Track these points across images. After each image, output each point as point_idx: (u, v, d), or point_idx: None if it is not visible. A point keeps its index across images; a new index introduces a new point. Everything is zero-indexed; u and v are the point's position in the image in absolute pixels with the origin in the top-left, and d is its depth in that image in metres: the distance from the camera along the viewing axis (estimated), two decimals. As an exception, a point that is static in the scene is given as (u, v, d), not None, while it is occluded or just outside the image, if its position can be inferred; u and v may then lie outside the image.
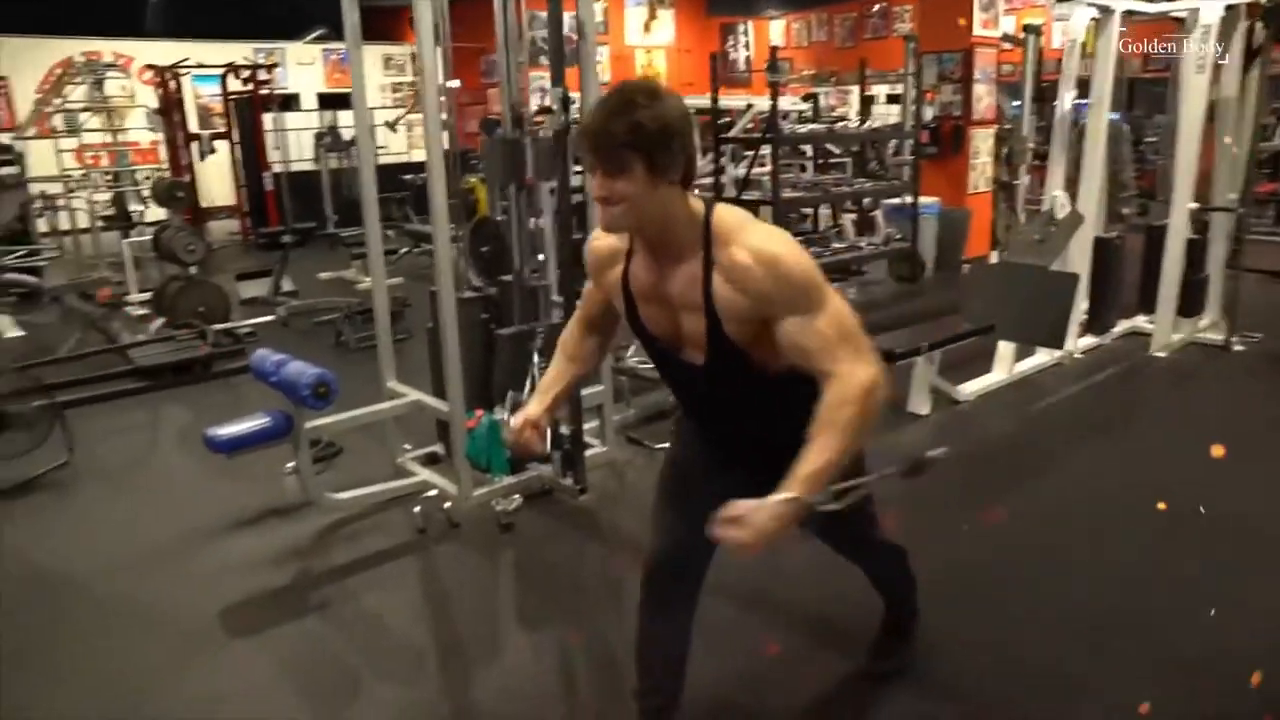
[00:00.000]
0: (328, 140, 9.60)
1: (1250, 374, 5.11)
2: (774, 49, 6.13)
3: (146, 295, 6.68)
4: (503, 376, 3.58)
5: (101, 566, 3.12)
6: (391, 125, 9.87)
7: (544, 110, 3.28)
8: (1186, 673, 2.38)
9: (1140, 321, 5.86)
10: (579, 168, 3.46)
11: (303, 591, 2.96)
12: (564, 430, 3.74)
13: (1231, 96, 5.45)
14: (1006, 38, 7.88)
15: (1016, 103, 8.19)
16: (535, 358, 3.46)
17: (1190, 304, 5.60)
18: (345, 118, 10.70)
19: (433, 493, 3.47)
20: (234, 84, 10.43)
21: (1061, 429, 4.42)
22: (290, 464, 3.67)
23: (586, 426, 3.66)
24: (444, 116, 3.46)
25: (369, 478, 3.63)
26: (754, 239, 1.57)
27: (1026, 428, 4.41)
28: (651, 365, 1.99)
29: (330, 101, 11.87)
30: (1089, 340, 5.55)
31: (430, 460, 3.91)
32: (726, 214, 1.63)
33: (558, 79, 3.15)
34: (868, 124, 6.84)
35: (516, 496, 3.48)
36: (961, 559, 3.01)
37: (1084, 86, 5.63)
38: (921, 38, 7.72)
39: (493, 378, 3.66)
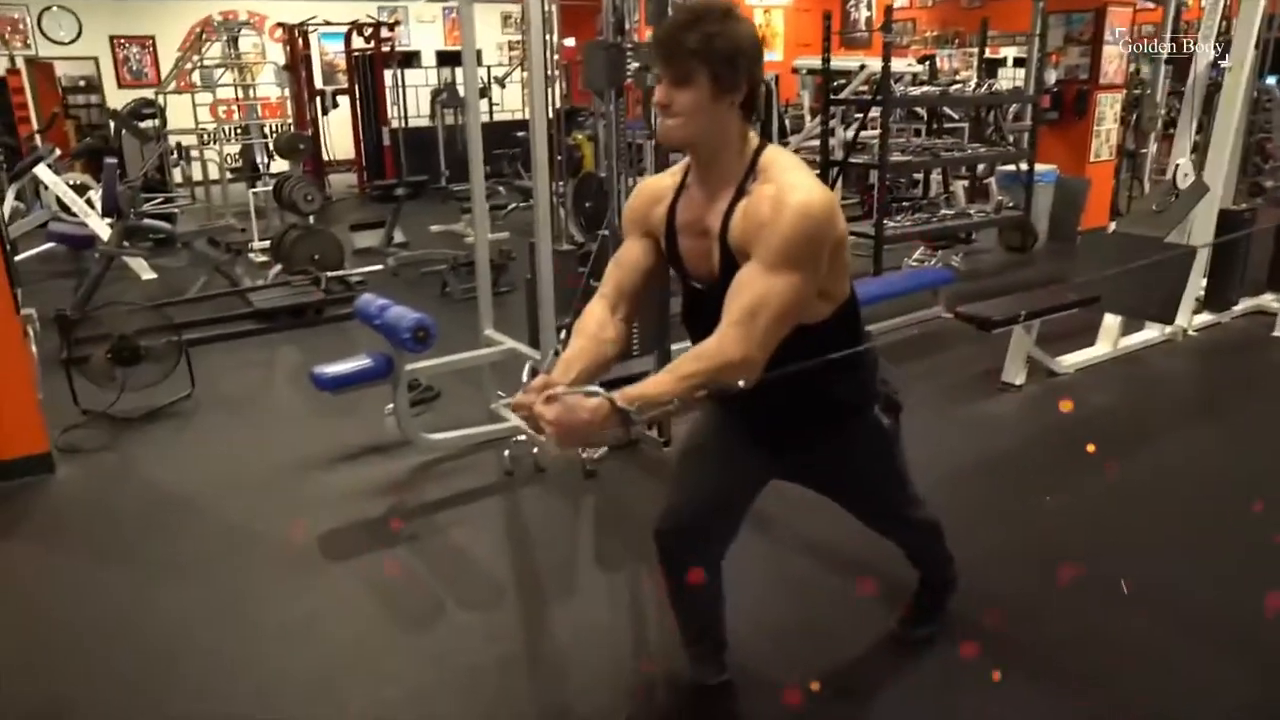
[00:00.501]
0: (444, 97, 9.85)
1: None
2: (889, 8, 5.96)
3: (267, 243, 7.07)
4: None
5: (217, 489, 3.38)
6: (500, 81, 10.03)
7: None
8: (1246, 653, 2.32)
9: (1267, 300, 5.53)
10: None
11: (394, 518, 3.15)
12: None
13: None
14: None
15: (1146, 68, 7.79)
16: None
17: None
18: (462, 75, 10.94)
19: (522, 438, 3.61)
20: (357, 42, 10.78)
21: (1162, 408, 4.25)
22: (390, 404, 3.89)
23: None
24: (551, 73, 3.54)
25: (464, 421, 3.80)
26: (791, 177, 1.57)
27: (1124, 404, 4.26)
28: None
29: (449, 59, 12.11)
30: (1206, 317, 5.27)
31: (522, 407, 4.05)
32: (778, 154, 1.64)
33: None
34: (985, 87, 6.58)
35: (604, 446, 3.58)
36: (1039, 533, 2.96)
37: (1226, 48, 5.30)
38: (1049, -5, 7.37)
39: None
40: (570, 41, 14.19)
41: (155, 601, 2.66)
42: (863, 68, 7.32)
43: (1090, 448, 3.18)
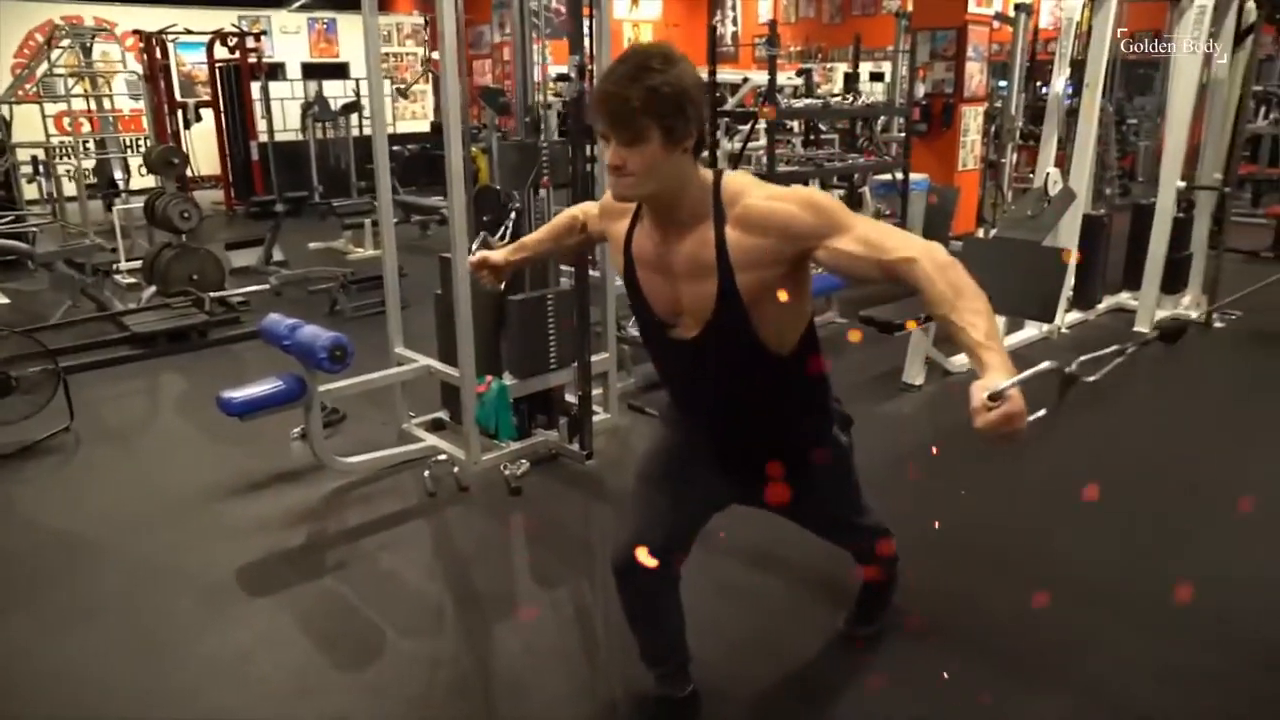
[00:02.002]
0: (315, 110, 9.52)
1: (1230, 350, 5.24)
2: (773, 23, 6.14)
3: (135, 264, 6.65)
4: (514, 343, 3.62)
5: (114, 527, 3.14)
6: (403, 92, 9.78)
7: (561, 78, 3.29)
8: (1165, 623, 2.49)
9: (1124, 298, 5.98)
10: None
11: (318, 552, 3.01)
12: (571, 398, 3.80)
13: (1222, 78, 5.55)
14: (999, 16, 7.94)
15: (1004, 82, 8.30)
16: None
17: (1173, 281, 5.73)
18: (331, 88, 10.61)
19: (441, 458, 3.52)
20: (221, 52, 10.30)
21: (1050, 400, 4.51)
22: (297, 429, 3.72)
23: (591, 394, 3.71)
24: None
25: (375, 443, 3.67)
26: (767, 190, 1.60)
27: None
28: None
29: (315, 71, 11.75)
30: (1075, 315, 5.66)
31: (435, 426, 3.95)
32: (736, 177, 1.65)
33: (576, 46, 3.17)
34: (862, 100, 6.87)
35: (524, 461, 3.53)
36: (957, 522, 3.09)
37: (1074, 67, 5.72)
38: (915, 14, 7.77)
39: (501, 345, 3.70)
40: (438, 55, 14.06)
41: (65, 648, 2.45)
42: (746, 80, 7.50)
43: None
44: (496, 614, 2.67)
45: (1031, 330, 5.29)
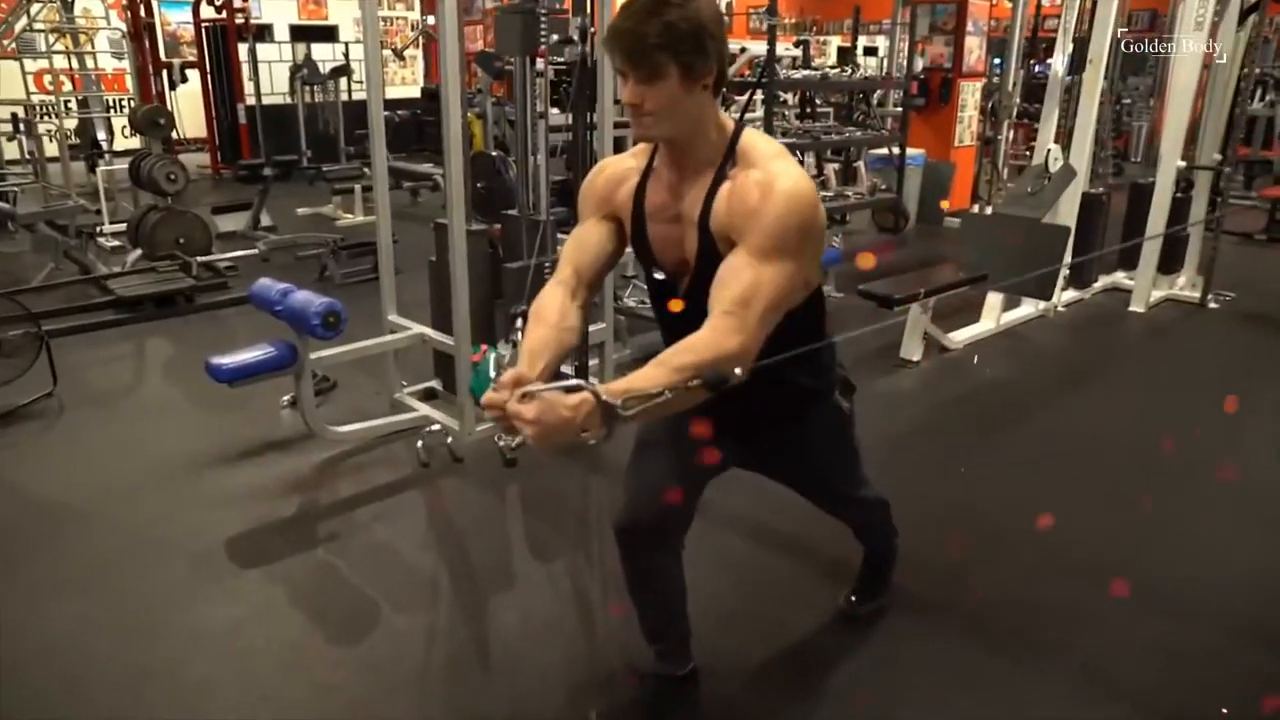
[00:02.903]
0: (304, 73, 9.33)
1: (1224, 331, 5.25)
2: (773, -8, 6.03)
3: (120, 227, 6.52)
4: (509, 310, 3.56)
5: (100, 495, 3.08)
6: (399, 53, 9.58)
7: (563, 41, 3.19)
8: (1154, 600, 2.49)
9: (1120, 277, 5.96)
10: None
11: (310, 522, 2.96)
12: (566, 369, 3.74)
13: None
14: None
15: (998, 60, 8.21)
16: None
17: (1169, 262, 5.71)
18: (320, 51, 10.41)
19: (435, 428, 3.46)
20: (207, 12, 10.08)
21: (1047, 378, 4.51)
22: (287, 396, 3.65)
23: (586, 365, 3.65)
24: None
25: (367, 412, 3.61)
26: (777, 165, 1.51)
27: (1015, 376, 4.49)
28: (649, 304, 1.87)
29: (304, 34, 11.52)
30: (1071, 294, 5.63)
31: (427, 396, 3.89)
32: (757, 137, 1.57)
33: (579, 8, 3.08)
34: (860, 73, 6.79)
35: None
36: (955, 498, 3.07)
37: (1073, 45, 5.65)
38: (914, -13, 7.67)
39: (496, 313, 3.64)
40: (432, 19, 13.80)
41: (49, 619, 2.39)
42: (744, 50, 7.40)
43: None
44: (492, 587, 2.63)
45: (1028, 308, 5.27)
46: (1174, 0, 5.79)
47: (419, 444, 3.34)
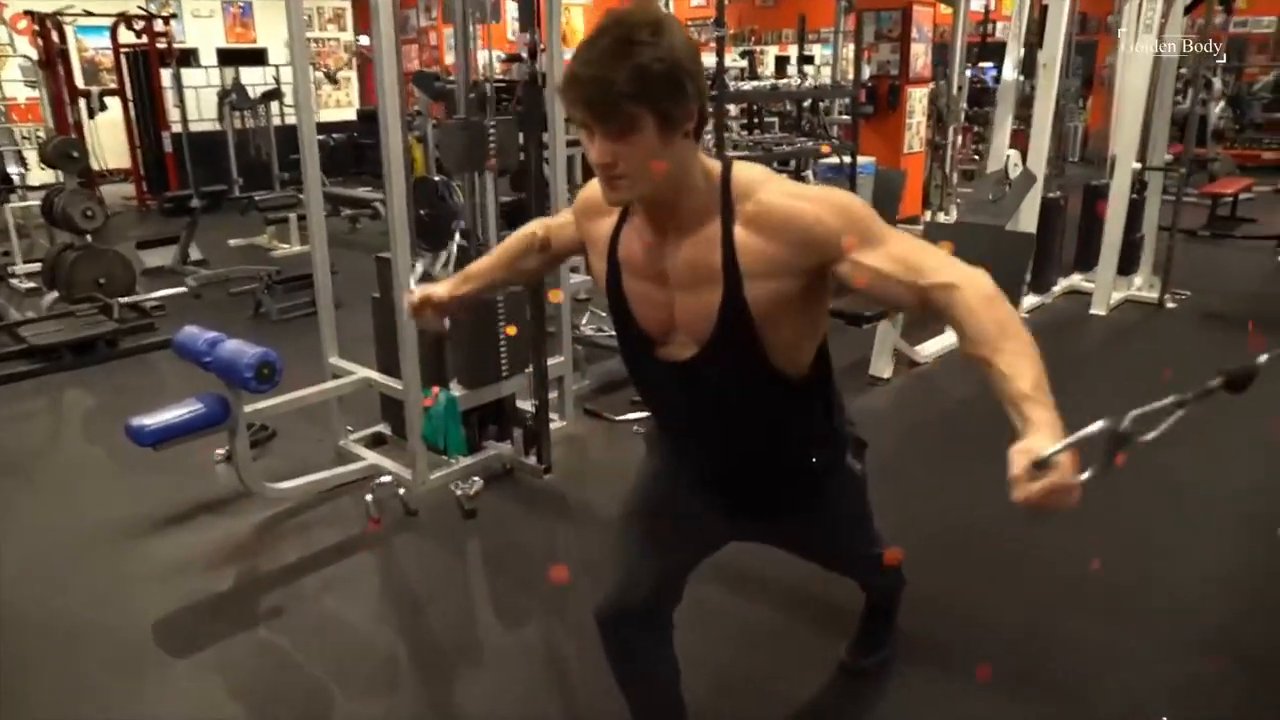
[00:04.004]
0: (233, 98, 8.95)
1: (1186, 331, 5.20)
2: (721, 3, 5.88)
3: (34, 266, 6.11)
4: (462, 351, 3.32)
5: (10, 575, 2.75)
6: (331, 76, 9.26)
7: (511, 59, 2.97)
8: (1139, 610, 2.34)
9: (1077, 280, 5.91)
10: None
11: (250, 596, 2.67)
12: (524, 405, 3.51)
13: (1172, 58, 5.48)
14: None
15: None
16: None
17: (1127, 263, 5.67)
18: (249, 74, 10.02)
19: (385, 478, 3.19)
20: (127, 36, 9.64)
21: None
22: (221, 450, 3.36)
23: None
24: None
25: (310, 463, 3.33)
26: (787, 186, 1.33)
27: (987, 389, 4.35)
28: (614, 337, 1.70)
29: (232, 57, 11.10)
30: (1033, 299, 5.55)
31: (375, 441, 3.62)
32: (749, 168, 1.36)
33: (527, 24, 2.87)
34: (809, 82, 6.67)
35: (476, 479, 3.23)
36: (941, 523, 2.90)
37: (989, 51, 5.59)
38: (859, -6, 7.59)
39: (446, 352, 3.39)
40: (365, 40, 13.48)
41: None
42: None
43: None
44: (459, 662, 2.37)
45: (993, 317, 5.15)
46: (1118, 2, 5.74)
47: (369, 498, 3.07)
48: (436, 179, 4.86)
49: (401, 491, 3.13)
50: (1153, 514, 2.99)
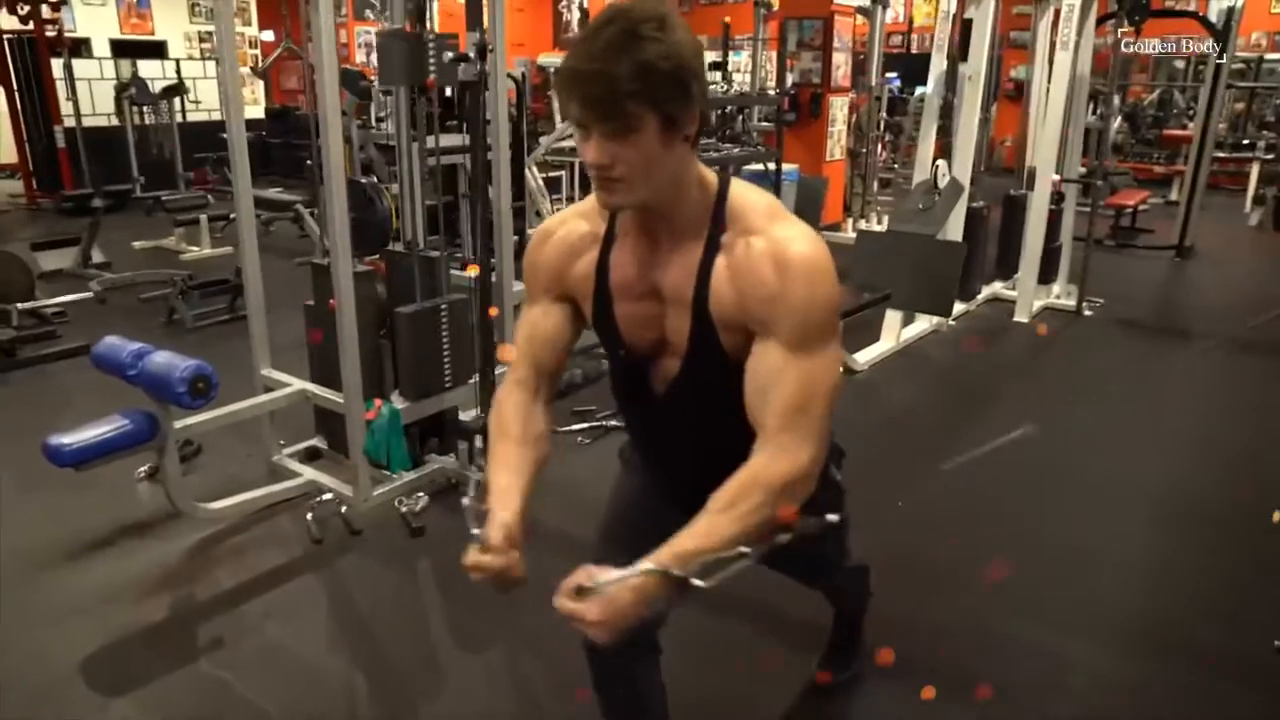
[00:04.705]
0: (132, 92, 8.51)
1: (1104, 337, 5.41)
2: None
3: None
4: (405, 361, 3.19)
5: (-91, 611, 2.51)
6: (260, 72, 8.86)
7: (459, 59, 2.85)
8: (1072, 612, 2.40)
9: (999, 288, 6.08)
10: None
11: (187, 627, 2.49)
12: (466, 415, 3.40)
13: (1084, 74, 5.69)
14: (859, 10, 7.96)
15: (893, 74, 8.35)
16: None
17: (1046, 271, 5.87)
18: (149, 68, 9.55)
19: (326, 497, 3.04)
20: (9, 21, 9.04)
21: (956, 398, 4.47)
22: (144, 468, 3.15)
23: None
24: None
25: (241, 481, 3.15)
26: (784, 230, 1.24)
27: (925, 398, 4.44)
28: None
29: (128, 49, 10.55)
30: (959, 306, 5.68)
31: (310, 456, 3.45)
32: (751, 194, 1.30)
33: (473, 22, 2.76)
34: (734, 89, 6.70)
35: (421, 495, 3.11)
36: (900, 539, 2.91)
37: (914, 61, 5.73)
38: (781, 3, 7.67)
39: (386, 363, 3.26)
40: (268, 35, 12.98)
41: None
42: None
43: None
44: (419, 690, 2.26)
45: (922, 324, 5.26)
46: (1034, 16, 5.94)
47: (309, 517, 2.92)
48: (363, 181, 4.72)
49: (344, 509, 2.99)
50: (1072, 515, 3.11)
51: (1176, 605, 2.62)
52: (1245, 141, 11.47)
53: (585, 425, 3.79)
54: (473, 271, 3.21)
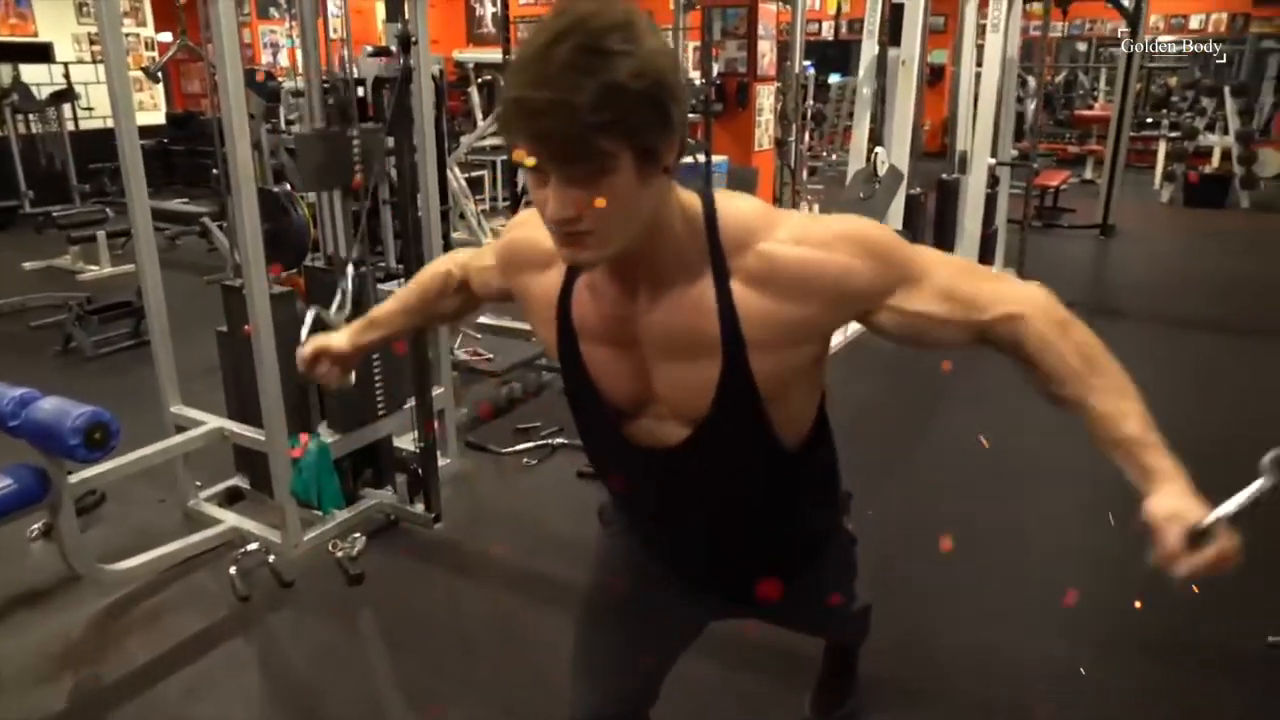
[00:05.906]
0: (14, 99, 7.91)
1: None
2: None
3: None
4: (332, 390, 2.90)
5: None
6: (153, 74, 8.28)
7: (379, 52, 2.59)
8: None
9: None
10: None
11: (95, 714, 2.18)
12: (409, 447, 3.13)
13: (1013, 57, 5.67)
14: (781, -4, 7.84)
15: (809, 62, 8.26)
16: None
17: (983, 256, 5.83)
18: (33, 72, 8.91)
19: (252, 546, 2.74)
20: None
21: (910, 393, 4.35)
22: (36, 526, 2.82)
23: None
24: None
25: (152, 532, 2.84)
26: (791, 227, 1.04)
27: (878, 394, 4.31)
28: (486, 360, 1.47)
29: (8, 52, 9.84)
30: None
31: (231, 498, 3.14)
32: (737, 206, 1.07)
33: (394, 13, 2.50)
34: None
35: (357, 535, 2.84)
36: (872, 549, 2.76)
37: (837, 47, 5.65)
38: (703, -9, 7.49)
39: (310, 393, 2.97)
40: (165, 36, 12.31)
41: None
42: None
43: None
44: (369, 770, 2.01)
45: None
46: (961, 3, 5.87)
47: (232, 570, 2.62)
48: (276, 189, 4.38)
49: (271, 559, 2.69)
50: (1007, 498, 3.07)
51: (1162, 603, 2.50)
52: (1149, 120, 11.80)
53: (530, 445, 3.55)
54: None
